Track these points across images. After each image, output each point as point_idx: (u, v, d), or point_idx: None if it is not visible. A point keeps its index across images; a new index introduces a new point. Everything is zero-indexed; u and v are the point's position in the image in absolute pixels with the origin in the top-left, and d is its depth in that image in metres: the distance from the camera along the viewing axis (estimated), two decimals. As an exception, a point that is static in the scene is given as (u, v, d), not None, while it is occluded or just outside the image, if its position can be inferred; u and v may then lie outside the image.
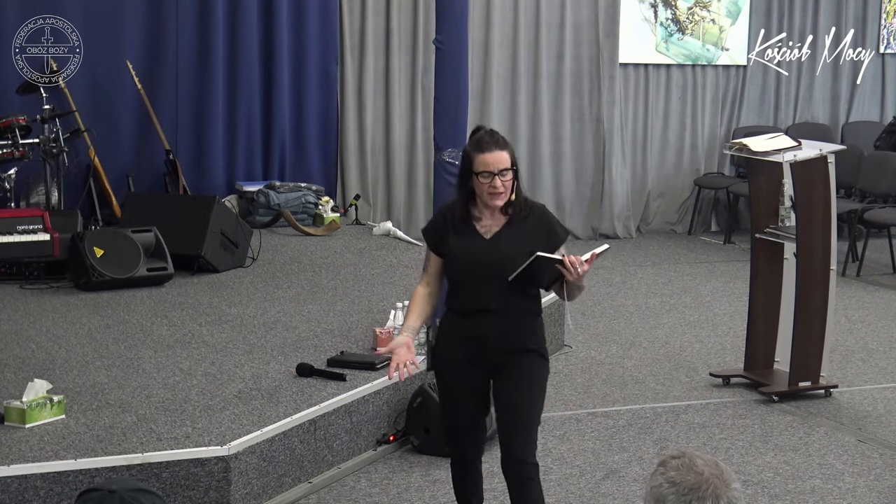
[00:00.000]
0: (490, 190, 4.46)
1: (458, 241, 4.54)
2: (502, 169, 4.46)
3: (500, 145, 4.49)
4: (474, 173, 4.48)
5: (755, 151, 6.94)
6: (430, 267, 4.65)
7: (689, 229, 12.22)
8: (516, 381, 4.57)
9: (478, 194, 4.51)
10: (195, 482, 5.00)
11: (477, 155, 4.48)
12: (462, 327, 4.56)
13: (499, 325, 4.53)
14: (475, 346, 4.55)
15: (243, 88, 10.14)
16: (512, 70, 11.40)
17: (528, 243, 4.51)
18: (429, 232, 4.69)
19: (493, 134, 4.54)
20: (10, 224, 7.99)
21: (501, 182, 4.46)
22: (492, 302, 4.51)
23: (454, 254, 4.54)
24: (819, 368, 6.97)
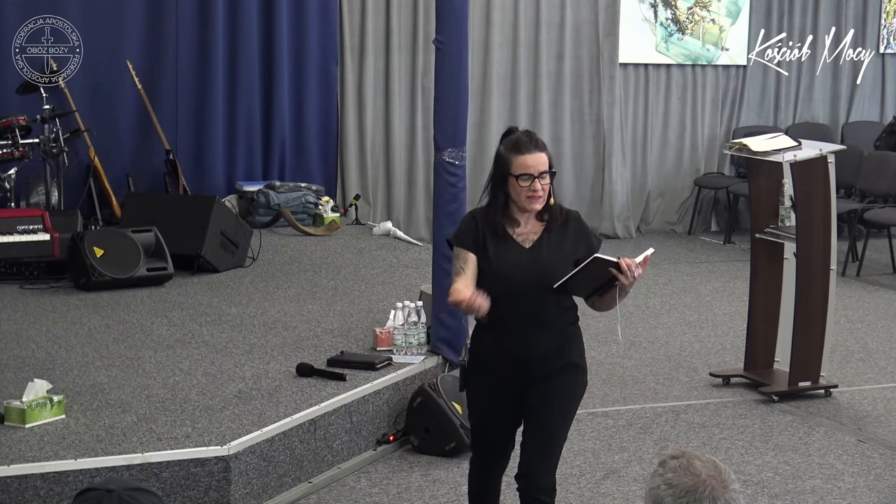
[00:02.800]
0: (529, 193, 4.23)
1: (497, 250, 4.28)
2: (542, 171, 4.24)
3: (540, 147, 4.28)
4: (512, 176, 4.24)
5: (755, 151, 6.94)
6: (468, 270, 4.30)
7: (689, 229, 12.22)
8: (554, 401, 4.37)
9: (513, 199, 4.27)
10: (195, 482, 5.00)
11: (516, 156, 4.24)
12: (502, 343, 4.31)
13: (542, 338, 4.32)
14: (517, 362, 4.31)
15: (243, 88, 10.14)
16: (512, 70, 11.39)
17: (568, 251, 4.33)
18: (463, 237, 4.33)
19: (530, 135, 4.32)
20: (10, 224, 7.99)
21: (541, 185, 4.24)
22: (536, 314, 4.30)
23: (493, 265, 4.26)
24: (819, 368, 6.97)
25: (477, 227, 4.33)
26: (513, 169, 4.25)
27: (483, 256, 4.29)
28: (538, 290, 4.25)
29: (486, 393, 4.43)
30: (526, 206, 4.29)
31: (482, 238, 4.31)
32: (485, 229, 4.31)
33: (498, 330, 4.32)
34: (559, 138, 11.61)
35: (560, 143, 11.62)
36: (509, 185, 4.28)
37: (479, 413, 4.50)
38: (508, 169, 4.26)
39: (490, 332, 4.36)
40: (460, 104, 6.36)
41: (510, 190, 4.28)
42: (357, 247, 9.29)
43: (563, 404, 4.41)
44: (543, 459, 4.40)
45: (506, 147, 4.31)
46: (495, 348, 4.35)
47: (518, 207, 4.31)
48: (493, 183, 4.35)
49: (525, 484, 4.41)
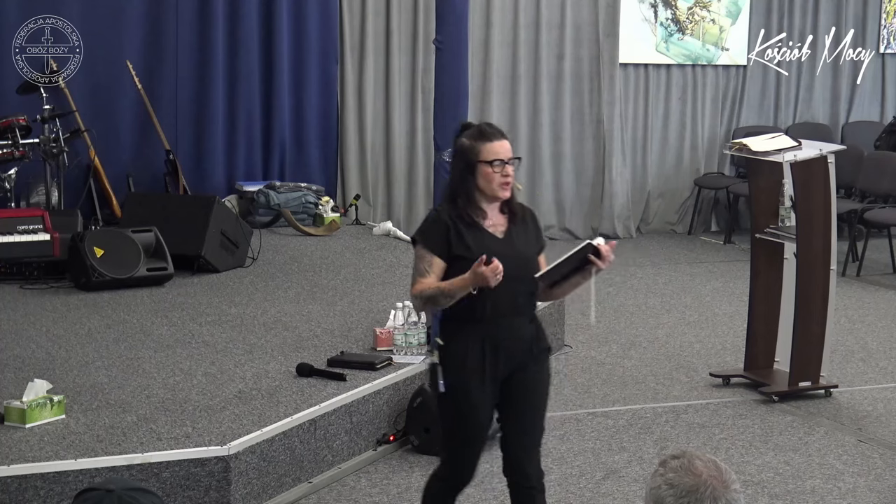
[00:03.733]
0: (502, 179, 4.27)
1: (475, 240, 4.27)
2: (511, 157, 4.31)
3: (504, 135, 4.36)
4: (483, 163, 4.27)
5: (755, 151, 6.94)
6: (433, 274, 4.28)
7: (689, 229, 12.22)
8: (537, 391, 4.41)
9: (482, 188, 4.29)
10: (195, 482, 5.00)
11: (484, 144, 4.29)
12: (482, 335, 4.28)
13: (523, 326, 4.36)
14: (502, 352, 4.30)
15: (243, 88, 10.14)
16: (512, 70, 11.40)
17: (533, 242, 4.41)
18: (431, 237, 4.31)
19: (491, 125, 4.41)
20: (10, 224, 7.99)
21: (512, 171, 4.30)
22: (516, 303, 4.32)
23: (475, 254, 4.19)
24: (819, 368, 6.97)
25: (446, 225, 4.30)
26: (483, 156, 4.28)
27: (462, 248, 4.27)
28: (518, 279, 4.27)
29: (474, 386, 4.31)
30: (497, 193, 4.31)
31: (454, 233, 4.29)
32: (456, 223, 4.30)
33: (480, 321, 4.28)
34: (559, 138, 11.61)
35: (560, 143, 11.62)
36: (479, 173, 4.29)
37: (465, 411, 4.34)
38: (477, 157, 4.29)
39: (471, 323, 4.29)
40: (460, 104, 6.38)
41: (479, 179, 4.30)
42: (357, 247, 9.29)
43: (543, 393, 4.46)
44: (533, 451, 4.44)
45: (471, 138, 4.33)
46: (480, 339, 4.29)
47: (486, 197, 4.32)
48: (460, 176, 4.35)
49: (518, 478, 4.43)
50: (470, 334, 4.30)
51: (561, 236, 11.66)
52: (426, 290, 4.27)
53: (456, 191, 4.35)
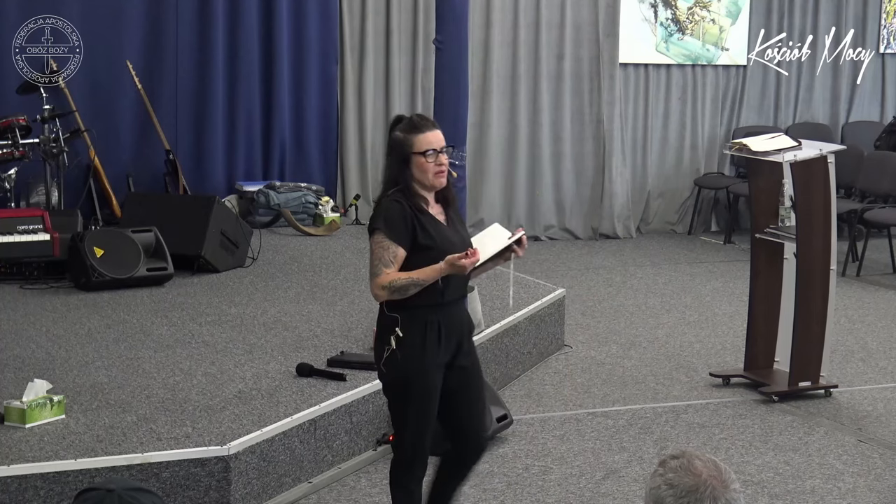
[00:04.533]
0: (437, 168, 4.39)
1: (433, 228, 4.40)
2: (444, 147, 4.43)
3: (436, 125, 4.48)
4: (417, 154, 4.37)
5: (755, 151, 6.94)
6: (396, 264, 4.36)
7: (689, 229, 12.22)
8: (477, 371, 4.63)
9: (419, 178, 4.39)
10: (195, 482, 5.00)
11: (417, 135, 4.39)
12: (438, 319, 4.40)
13: (463, 307, 4.60)
14: (452, 335, 4.45)
15: (243, 88, 10.14)
16: (512, 70, 11.40)
17: (465, 229, 4.60)
18: (395, 228, 4.36)
19: (422, 116, 4.53)
20: (10, 224, 7.99)
21: (445, 160, 4.43)
22: (462, 288, 4.54)
23: (439, 242, 4.36)
24: (819, 368, 6.97)
25: (409, 216, 4.38)
26: (416, 147, 4.38)
27: (424, 235, 4.37)
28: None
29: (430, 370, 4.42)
30: (434, 183, 4.41)
31: (418, 224, 4.38)
32: (415, 213, 4.39)
33: (435, 306, 4.40)
34: (559, 138, 11.61)
35: (560, 143, 11.62)
36: (414, 165, 4.39)
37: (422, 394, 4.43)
38: (411, 149, 4.39)
39: (426, 310, 4.39)
40: (460, 104, 6.36)
41: (415, 170, 4.39)
42: (357, 247, 9.29)
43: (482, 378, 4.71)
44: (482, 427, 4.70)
45: (403, 130, 4.43)
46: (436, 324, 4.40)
47: (423, 186, 4.42)
48: (396, 169, 4.44)
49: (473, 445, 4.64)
50: (428, 321, 4.40)
51: (561, 236, 11.66)
52: (396, 281, 4.34)
53: (397, 182, 4.44)
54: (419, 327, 4.39)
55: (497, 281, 8.29)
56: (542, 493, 5.56)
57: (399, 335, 4.37)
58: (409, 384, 4.43)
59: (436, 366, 4.43)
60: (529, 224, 11.57)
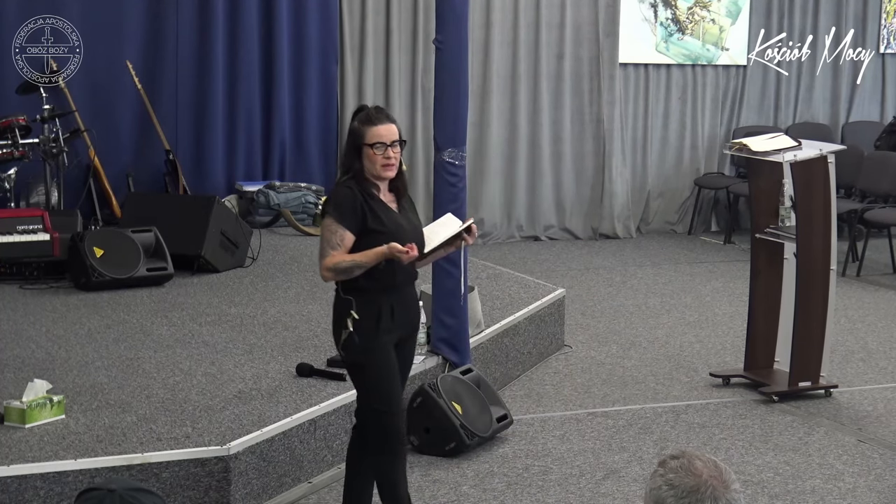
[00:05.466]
0: (384, 161, 4.58)
1: (383, 213, 4.61)
2: (394, 140, 4.61)
3: (391, 119, 4.67)
4: (367, 145, 4.58)
5: (755, 151, 6.94)
6: (344, 246, 4.61)
7: (689, 229, 12.22)
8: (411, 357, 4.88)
9: (367, 168, 4.60)
10: (195, 482, 5.00)
11: (369, 128, 4.59)
12: (390, 302, 4.63)
13: (414, 291, 4.80)
14: (404, 316, 4.69)
15: (243, 88, 10.14)
16: (512, 70, 11.40)
17: (416, 217, 4.79)
18: (345, 213, 4.58)
19: (380, 109, 4.74)
20: (10, 224, 7.99)
21: (394, 153, 4.60)
22: (413, 272, 4.74)
23: (388, 226, 4.59)
24: (819, 368, 6.97)
25: (358, 201, 4.59)
26: (367, 139, 4.59)
27: (374, 220, 4.59)
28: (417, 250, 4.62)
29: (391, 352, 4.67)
30: (381, 174, 4.62)
31: (368, 209, 4.59)
32: (366, 199, 4.60)
33: (387, 288, 4.63)
34: (559, 138, 11.61)
35: (560, 143, 11.62)
36: (364, 155, 4.60)
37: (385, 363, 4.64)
38: (363, 140, 4.60)
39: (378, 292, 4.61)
40: (460, 104, 6.36)
41: (365, 160, 4.60)
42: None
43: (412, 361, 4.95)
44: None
45: (359, 121, 4.65)
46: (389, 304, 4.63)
47: (374, 176, 4.62)
48: (350, 157, 4.66)
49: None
50: (381, 303, 4.62)
51: (561, 236, 11.66)
52: (341, 263, 4.58)
53: (348, 170, 4.66)
54: (373, 309, 4.61)
55: (497, 281, 8.29)
56: (542, 493, 5.56)
57: (355, 317, 4.60)
58: (369, 363, 4.65)
59: (390, 343, 4.68)
60: (529, 224, 11.58)
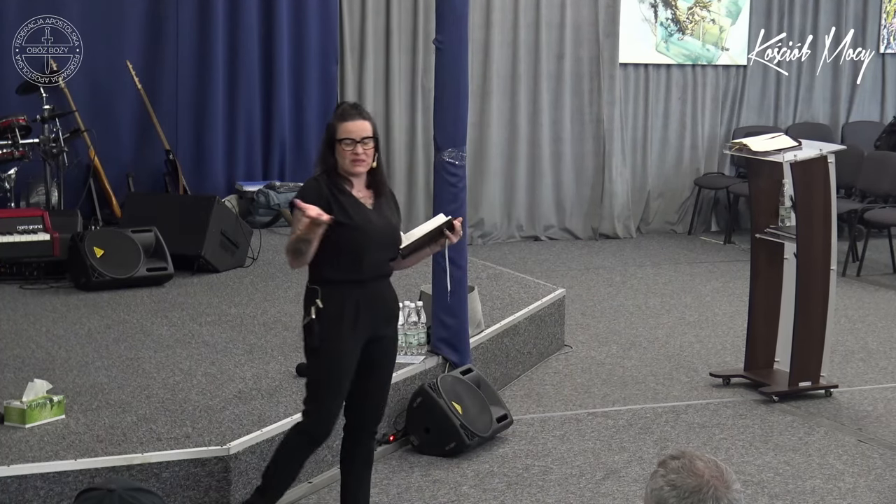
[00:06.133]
0: (352, 157, 4.62)
1: (351, 207, 4.63)
2: (364, 137, 4.64)
3: (364, 116, 4.71)
4: (338, 141, 4.63)
5: (755, 151, 6.94)
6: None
7: (689, 229, 12.22)
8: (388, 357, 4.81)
9: (340, 164, 4.64)
10: (195, 482, 5.00)
11: (341, 123, 4.65)
12: (356, 296, 4.61)
13: (385, 291, 4.76)
14: (371, 312, 4.65)
15: (243, 88, 10.14)
16: (512, 70, 11.40)
17: (395, 216, 4.79)
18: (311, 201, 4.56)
19: (356, 105, 4.81)
20: (10, 224, 7.99)
21: (364, 150, 4.63)
22: (384, 268, 4.73)
23: (354, 219, 4.60)
24: (819, 368, 6.97)
25: (323, 192, 4.61)
26: (339, 134, 4.66)
27: (339, 212, 4.59)
28: (386, 246, 4.70)
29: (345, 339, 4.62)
30: (350, 169, 4.65)
31: (333, 200, 4.60)
32: (333, 191, 4.63)
33: (352, 283, 4.62)
34: (559, 138, 11.61)
35: (560, 143, 11.62)
36: (336, 150, 4.66)
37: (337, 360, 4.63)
38: (335, 135, 4.67)
39: (344, 285, 4.62)
40: (460, 104, 6.35)
41: (338, 156, 4.66)
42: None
43: (394, 359, 4.88)
44: (379, 407, 4.86)
45: (335, 116, 4.75)
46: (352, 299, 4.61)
47: (346, 172, 4.66)
48: (324, 151, 4.73)
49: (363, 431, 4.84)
50: (346, 295, 4.62)
51: (561, 236, 11.67)
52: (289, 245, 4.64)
53: (324, 164, 4.73)
54: (337, 301, 4.61)
55: (497, 281, 8.30)
56: (542, 493, 5.56)
57: (319, 306, 4.61)
58: (324, 354, 4.65)
59: (353, 339, 4.63)
60: (529, 224, 11.58)
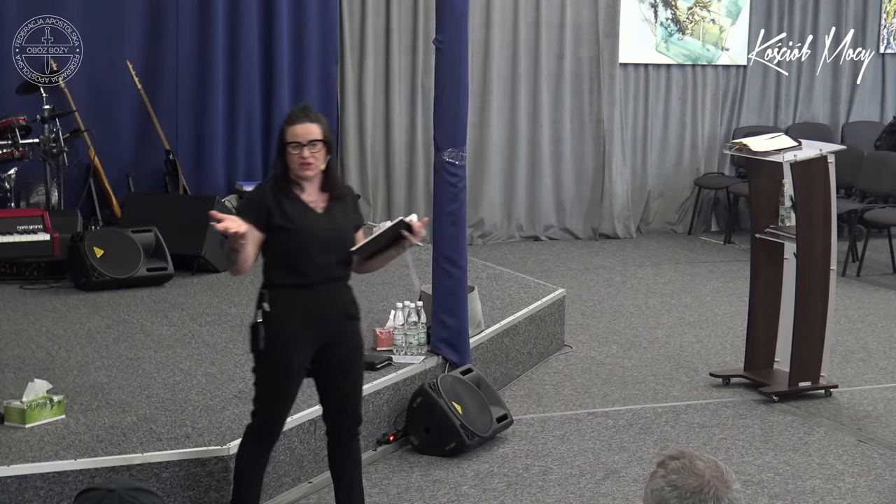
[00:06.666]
0: (299, 160, 4.58)
1: (295, 211, 4.61)
2: (311, 140, 4.59)
3: (312, 119, 4.64)
4: (286, 144, 4.61)
5: (755, 151, 6.94)
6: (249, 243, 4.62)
7: (689, 229, 12.22)
8: (354, 357, 4.80)
9: (290, 167, 4.62)
10: (195, 482, 5.00)
11: (289, 127, 4.62)
12: (303, 299, 4.61)
13: (337, 294, 4.71)
14: (321, 315, 4.64)
15: (243, 88, 10.14)
16: (512, 70, 11.40)
17: (351, 218, 4.75)
18: (250, 209, 4.62)
19: (305, 109, 4.71)
20: (10, 224, 7.99)
21: (311, 153, 4.58)
22: (333, 271, 4.68)
23: (295, 223, 4.59)
24: (819, 368, 6.97)
25: (265, 196, 4.61)
26: (287, 138, 4.62)
27: (280, 217, 4.58)
28: (335, 250, 4.66)
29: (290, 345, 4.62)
30: (298, 172, 4.61)
31: (274, 204, 4.59)
32: (277, 195, 4.61)
33: (299, 286, 4.61)
34: (559, 138, 11.61)
35: (560, 143, 11.62)
36: (286, 154, 4.63)
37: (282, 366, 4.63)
38: (284, 139, 4.64)
39: (291, 289, 4.61)
40: (460, 104, 6.35)
41: (287, 158, 4.63)
42: (357, 247, 9.28)
43: (360, 360, 4.86)
44: (355, 406, 4.85)
45: (285, 120, 4.70)
46: (299, 303, 4.60)
47: (295, 174, 4.63)
48: (277, 154, 4.70)
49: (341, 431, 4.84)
50: (292, 299, 4.61)
51: (561, 236, 11.67)
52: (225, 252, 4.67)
53: (275, 167, 4.71)
54: (284, 304, 4.60)
55: (497, 281, 8.29)
56: (542, 493, 5.56)
57: (265, 309, 4.61)
58: (269, 357, 4.64)
59: (300, 342, 4.63)
60: (529, 224, 11.59)
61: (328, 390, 4.80)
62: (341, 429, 4.85)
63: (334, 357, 4.73)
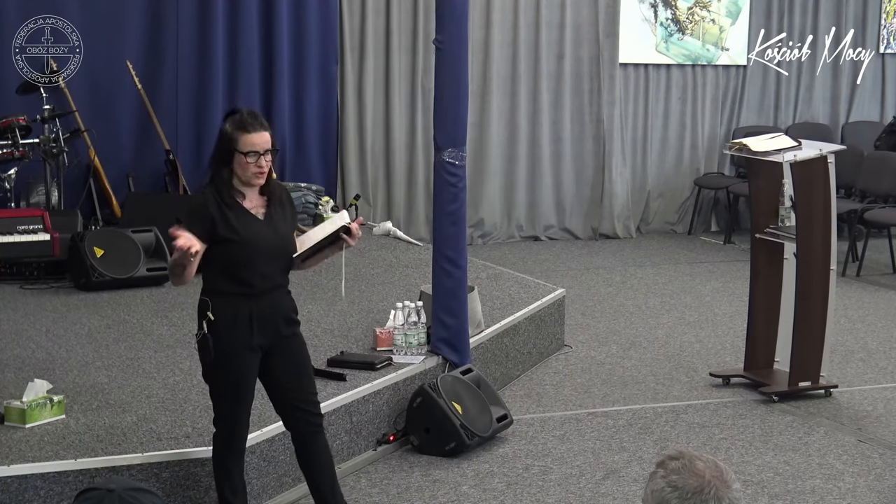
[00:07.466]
0: (255, 169, 4.54)
1: (238, 220, 4.57)
2: (267, 149, 4.55)
3: (265, 126, 4.59)
4: (240, 152, 4.52)
5: (755, 151, 6.94)
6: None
7: (689, 229, 12.22)
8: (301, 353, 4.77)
9: (238, 174, 4.56)
10: (195, 482, 5.00)
11: (243, 135, 4.53)
12: (249, 307, 4.59)
13: (281, 300, 4.70)
14: (265, 322, 4.62)
15: (243, 89, 10.14)
16: (512, 70, 11.40)
17: (290, 221, 4.75)
18: (193, 220, 4.55)
19: (255, 115, 4.63)
20: (10, 224, 7.99)
21: (266, 162, 4.55)
22: (277, 279, 4.68)
23: (241, 233, 4.55)
24: (819, 368, 6.97)
25: (208, 205, 4.55)
26: (240, 146, 4.53)
27: (225, 228, 4.55)
28: (278, 257, 4.66)
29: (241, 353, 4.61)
30: (251, 181, 4.58)
31: (219, 216, 4.55)
32: (220, 206, 4.56)
33: (244, 295, 4.60)
34: (559, 138, 11.61)
35: (560, 143, 11.62)
36: (235, 161, 4.55)
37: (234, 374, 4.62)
38: (235, 146, 4.54)
39: (235, 298, 4.60)
40: (460, 104, 6.35)
41: (236, 166, 4.56)
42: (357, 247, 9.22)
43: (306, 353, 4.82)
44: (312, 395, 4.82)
45: (232, 126, 4.57)
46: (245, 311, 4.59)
47: (242, 182, 4.59)
48: (218, 160, 4.60)
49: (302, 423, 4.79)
50: (238, 307, 4.60)
51: (561, 236, 11.67)
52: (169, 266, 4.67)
53: (215, 174, 4.62)
54: (229, 313, 4.60)
55: (497, 281, 8.29)
56: (542, 493, 5.56)
57: (210, 318, 4.60)
58: (220, 366, 4.62)
59: (247, 350, 4.61)
60: (529, 224, 11.59)
61: (280, 395, 4.78)
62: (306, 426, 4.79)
63: (281, 363, 4.72)
